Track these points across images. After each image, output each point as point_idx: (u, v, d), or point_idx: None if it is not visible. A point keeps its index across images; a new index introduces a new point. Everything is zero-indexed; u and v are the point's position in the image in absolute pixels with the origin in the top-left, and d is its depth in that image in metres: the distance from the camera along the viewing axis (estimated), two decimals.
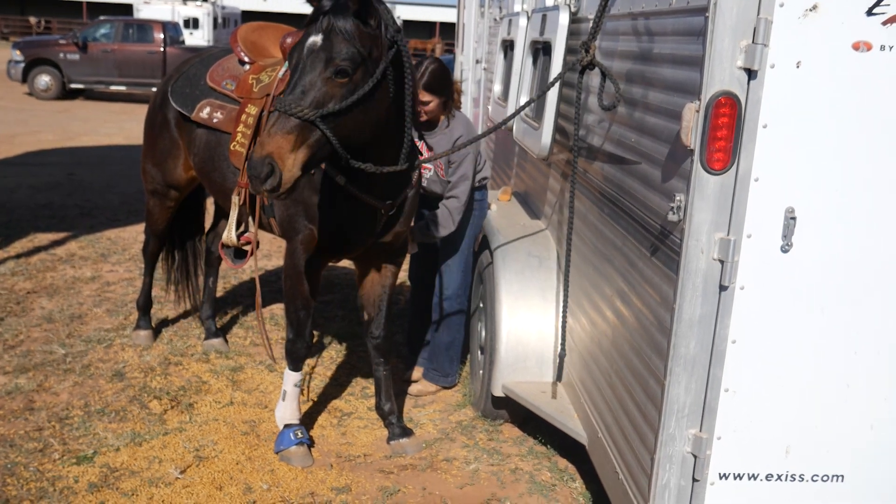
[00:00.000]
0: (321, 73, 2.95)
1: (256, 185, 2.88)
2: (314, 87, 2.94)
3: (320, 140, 2.95)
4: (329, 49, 2.95)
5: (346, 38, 2.96)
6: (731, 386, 2.58)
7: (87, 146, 12.84)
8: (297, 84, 2.94)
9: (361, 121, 3.07)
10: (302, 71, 2.96)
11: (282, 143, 2.86)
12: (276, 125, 2.89)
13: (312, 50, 2.97)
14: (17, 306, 5.55)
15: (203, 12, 27.69)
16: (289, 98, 2.91)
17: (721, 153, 2.40)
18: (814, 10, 2.31)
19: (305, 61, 2.97)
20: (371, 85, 3.01)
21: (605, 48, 3.36)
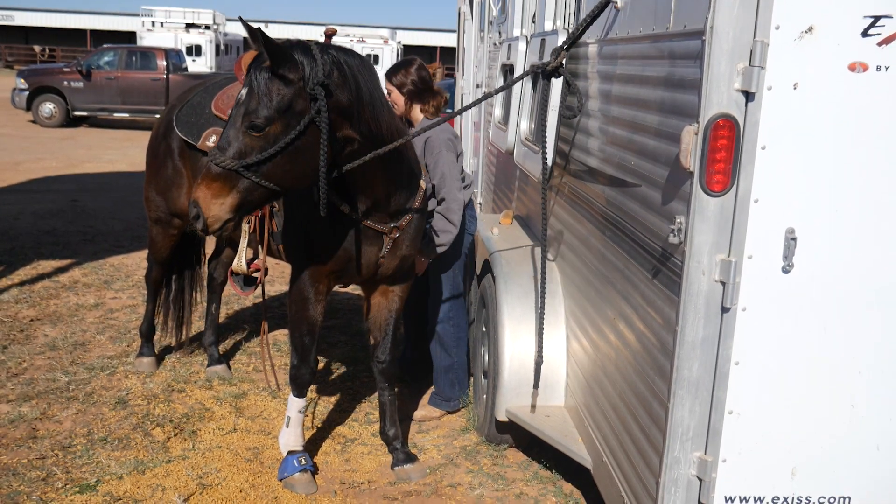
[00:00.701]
0: (240, 127, 3.05)
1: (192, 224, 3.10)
2: (236, 140, 3.05)
3: (250, 187, 3.06)
4: (247, 103, 3.05)
5: (261, 94, 3.03)
6: (736, 408, 2.57)
7: (90, 173, 12.90)
8: (224, 134, 3.08)
9: (292, 169, 3.11)
10: (229, 122, 3.10)
11: (207, 191, 3.04)
12: (205, 172, 3.06)
13: (237, 102, 3.08)
14: (21, 334, 5.56)
15: (205, 39, 27.93)
16: (215, 148, 3.06)
17: (720, 175, 2.41)
18: (809, 31, 2.33)
19: (232, 112, 3.10)
20: (291, 137, 3.04)
21: (603, 71, 3.38)
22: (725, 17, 2.32)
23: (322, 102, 3.05)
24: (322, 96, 3.05)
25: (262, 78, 3.04)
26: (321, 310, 3.80)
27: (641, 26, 2.93)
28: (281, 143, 3.04)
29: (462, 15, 8.46)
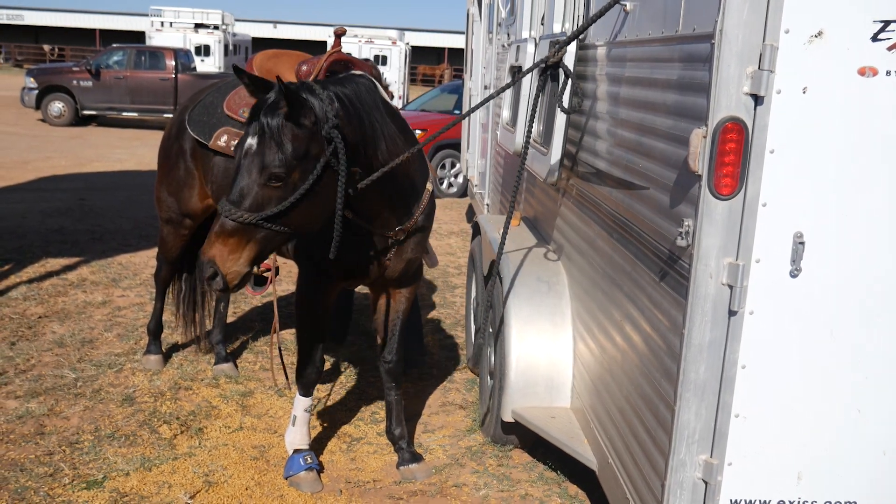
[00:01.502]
0: (256, 179, 2.95)
1: (206, 285, 2.99)
2: (251, 192, 2.94)
3: (268, 236, 2.98)
4: (262, 154, 2.94)
5: (278, 143, 2.94)
6: (742, 411, 2.57)
7: (98, 172, 12.95)
8: (235, 187, 2.96)
9: (310, 213, 3.08)
10: (240, 174, 2.98)
11: (222, 248, 2.93)
12: (218, 229, 2.95)
13: (248, 153, 2.97)
14: (29, 331, 5.58)
15: (214, 39, 27.97)
16: (227, 201, 2.95)
17: (729, 178, 2.41)
18: (819, 36, 2.33)
19: (242, 164, 2.98)
20: (311, 183, 3.00)
21: (611, 74, 3.39)
22: (735, 20, 2.32)
23: (339, 143, 3.04)
24: (338, 138, 3.04)
25: (276, 125, 2.94)
26: (328, 310, 3.81)
27: (650, 29, 2.94)
28: (301, 190, 2.97)
29: (471, 16, 8.49)
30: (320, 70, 3.99)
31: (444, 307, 6.82)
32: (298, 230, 3.10)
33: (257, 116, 2.98)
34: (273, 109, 2.97)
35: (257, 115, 2.99)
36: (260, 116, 2.97)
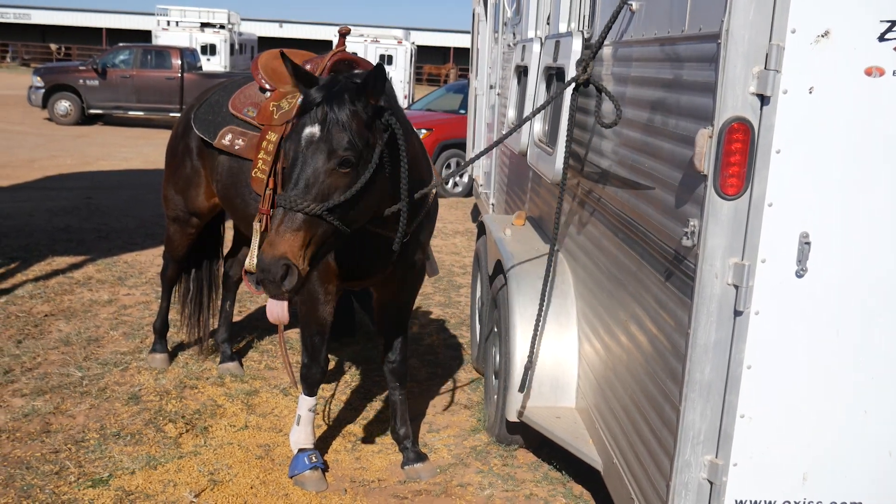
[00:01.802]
0: (324, 166, 2.90)
1: (273, 289, 2.83)
2: (318, 181, 2.90)
3: (327, 231, 2.94)
4: (329, 140, 2.91)
5: (345, 129, 2.92)
6: (747, 412, 2.57)
7: (104, 171, 12.98)
8: (300, 178, 2.90)
9: (364, 205, 3.08)
10: (303, 164, 2.92)
11: (293, 242, 2.83)
12: (283, 223, 2.84)
13: (310, 141, 2.92)
14: (35, 329, 5.60)
15: (220, 39, 28.02)
16: (292, 193, 2.87)
17: (735, 178, 2.41)
18: (826, 35, 2.32)
19: (305, 153, 2.92)
20: (371, 171, 3.00)
21: (617, 74, 3.38)
22: (741, 20, 2.31)
23: (398, 130, 3.05)
24: (397, 125, 3.06)
25: (345, 112, 2.93)
26: (331, 310, 3.81)
27: (656, 29, 2.94)
28: (364, 178, 2.95)
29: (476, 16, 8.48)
30: (324, 69, 4.00)
31: (449, 307, 6.82)
32: (350, 225, 3.05)
33: (318, 104, 2.95)
34: (339, 96, 2.96)
35: (318, 104, 2.95)
36: (325, 104, 2.94)
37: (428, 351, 5.72)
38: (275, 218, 2.90)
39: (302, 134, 2.95)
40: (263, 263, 2.81)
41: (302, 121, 2.98)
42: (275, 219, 2.90)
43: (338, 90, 2.98)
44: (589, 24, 3.94)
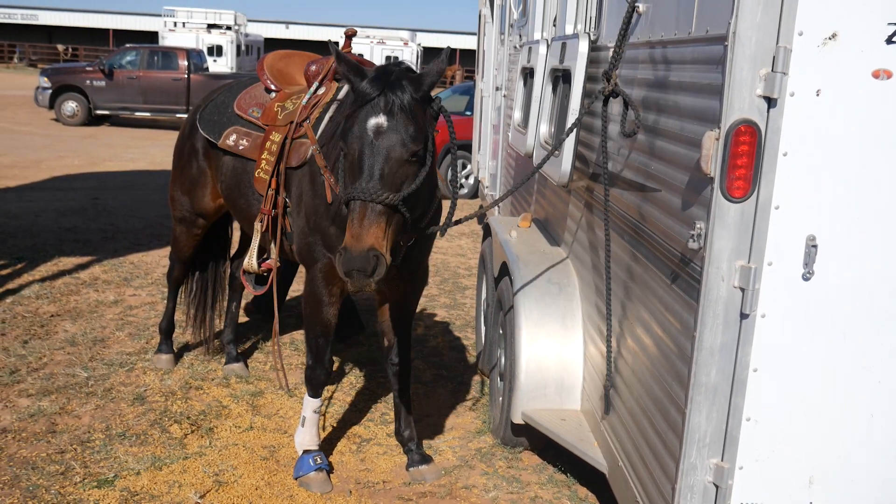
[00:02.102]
0: (397, 156, 2.91)
1: (361, 280, 2.83)
2: (392, 171, 2.91)
3: (400, 222, 2.96)
4: (399, 130, 2.92)
5: (413, 118, 2.94)
6: (753, 415, 2.56)
7: (111, 171, 13.02)
8: (374, 169, 2.89)
9: (421, 195, 3.12)
10: (376, 154, 2.90)
11: (377, 233, 2.85)
12: (367, 216, 2.84)
13: (381, 132, 2.91)
14: (41, 329, 5.61)
15: (227, 40, 28.10)
16: (369, 185, 2.86)
17: (741, 181, 2.40)
18: (833, 38, 2.32)
19: (376, 144, 2.91)
20: (430, 159, 3.05)
21: (624, 76, 3.38)
22: (748, 22, 2.31)
23: (448, 118, 3.10)
24: (446, 112, 3.11)
25: (411, 102, 2.95)
26: (335, 312, 3.81)
27: (663, 31, 2.93)
28: (428, 165, 2.98)
29: (482, 17, 8.48)
30: (329, 70, 4.01)
31: (455, 308, 6.82)
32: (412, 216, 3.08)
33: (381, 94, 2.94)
34: (400, 86, 2.97)
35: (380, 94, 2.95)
36: (389, 94, 2.94)
37: (433, 353, 5.72)
38: (352, 211, 2.88)
39: (368, 125, 2.93)
40: (353, 257, 2.81)
41: (365, 111, 2.96)
42: (353, 212, 2.88)
43: (396, 79, 2.99)
44: (595, 26, 3.94)
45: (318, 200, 3.67)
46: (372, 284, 2.85)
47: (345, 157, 3.03)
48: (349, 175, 2.97)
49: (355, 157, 2.95)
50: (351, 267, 2.82)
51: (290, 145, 3.84)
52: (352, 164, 2.97)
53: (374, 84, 2.98)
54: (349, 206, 2.93)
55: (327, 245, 3.67)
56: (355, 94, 3.02)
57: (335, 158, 3.13)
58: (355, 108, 2.99)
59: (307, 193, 3.74)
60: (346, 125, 3.00)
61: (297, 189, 3.81)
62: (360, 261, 2.81)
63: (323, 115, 3.82)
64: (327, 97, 3.90)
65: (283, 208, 3.91)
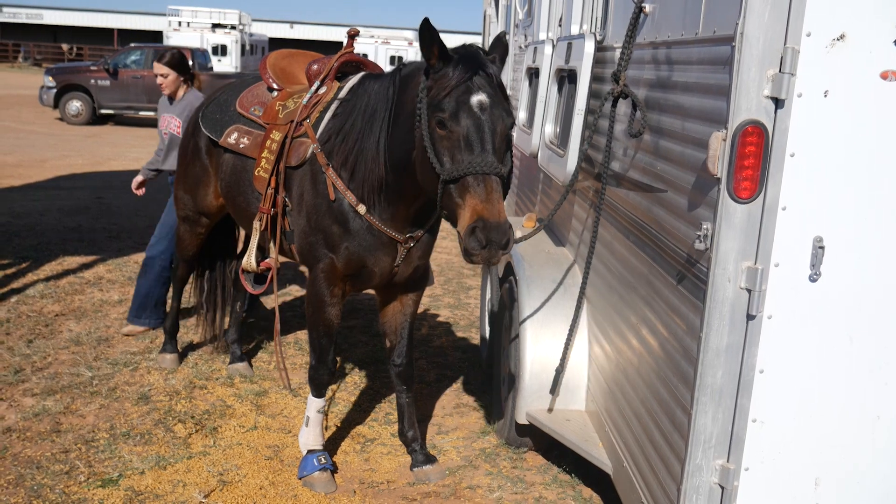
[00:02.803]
0: (502, 130, 2.99)
1: (494, 253, 2.82)
2: (499, 145, 2.97)
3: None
4: (501, 105, 2.99)
5: (506, 94, 3.05)
6: (759, 416, 2.56)
7: (115, 170, 13.02)
8: (487, 143, 2.92)
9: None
10: (485, 128, 2.93)
11: (503, 205, 2.89)
12: (494, 188, 2.86)
13: (484, 107, 2.95)
14: (46, 328, 5.62)
15: (231, 39, 28.12)
16: (488, 159, 2.88)
17: (748, 182, 2.39)
18: (841, 39, 2.31)
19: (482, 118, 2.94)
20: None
21: (630, 77, 3.37)
22: (756, 23, 2.30)
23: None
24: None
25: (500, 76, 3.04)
26: (338, 312, 3.81)
27: (670, 31, 2.92)
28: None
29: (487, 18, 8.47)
30: (331, 70, 4.00)
31: (459, 308, 6.82)
32: None
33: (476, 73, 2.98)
34: (488, 64, 3.03)
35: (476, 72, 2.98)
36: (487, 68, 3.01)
37: (437, 353, 5.72)
38: (473, 185, 2.87)
39: (477, 101, 2.96)
40: (493, 229, 2.80)
41: (468, 89, 2.97)
42: (474, 186, 2.87)
43: (482, 59, 3.04)
44: (601, 27, 3.93)
45: (319, 199, 3.67)
46: (499, 257, 2.84)
47: (445, 136, 2.99)
48: (455, 151, 2.96)
49: (466, 133, 2.94)
50: (493, 238, 2.80)
51: (289, 144, 3.83)
52: (460, 139, 2.95)
53: (468, 63, 3.02)
54: (463, 182, 2.90)
55: (329, 244, 3.66)
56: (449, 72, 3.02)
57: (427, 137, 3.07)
58: (454, 86, 2.99)
59: (308, 192, 3.74)
60: (444, 103, 2.98)
61: (297, 188, 3.81)
62: (500, 232, 2.80)
63: (324, 114, 3.81)
64: (328, 96, 3.89)
65: (282, 208, 3.90)
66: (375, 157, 3.46)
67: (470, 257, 2.85)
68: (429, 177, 3.08)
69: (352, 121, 3.59)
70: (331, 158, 3.63)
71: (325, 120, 3.78)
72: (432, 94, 3.04)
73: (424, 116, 3.06)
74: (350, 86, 3.82)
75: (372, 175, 3.49)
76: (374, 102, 3.51)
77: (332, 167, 3.61)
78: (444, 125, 2.97)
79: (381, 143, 3.44)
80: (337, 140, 3.63)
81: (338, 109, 3.75)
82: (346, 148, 3.58)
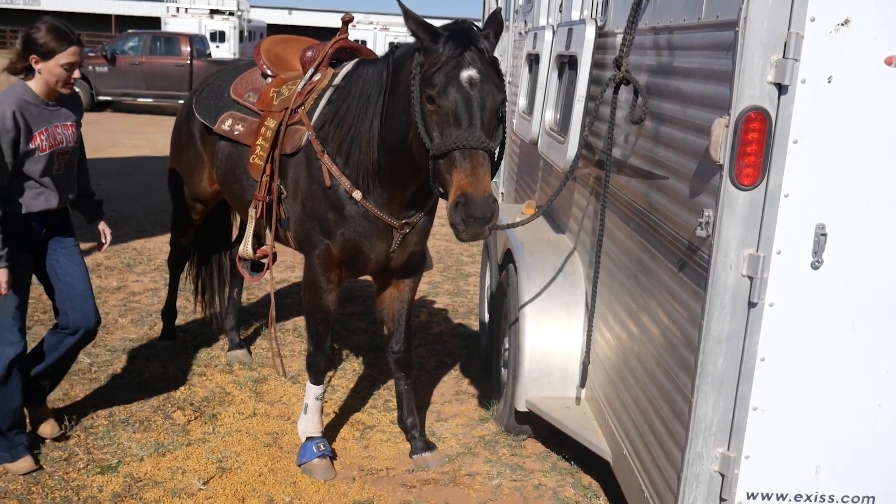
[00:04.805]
0: (492, 105, 2.96)
1: (478, 228, 2.82)
2: (489, 121, 2.95)
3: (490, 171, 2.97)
4: (492, 80, 2.97)
5: (498, 69, 3.02)
6: (760, 404, 2.55)
7: (113, 157, 12.98)
8: (475, 118, 2.91)
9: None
10: (475, 104, 2.91)
11: (489, 180, 2.87)
12: (480, 162, 2.85)
13: (474, 82, 2.93)
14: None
15: (229, 26, 27.97)
16: (475, 133, 2.87)
17: (750, 168, 2.38)
18: (845, 24, 2.29)
19: (474, 94, 2.92)
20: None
21: (632, 62, 3.34)
22: (760, 8, 2.28)
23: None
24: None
25: (492, 50, 3.02)
26: (334, 298, 3.80)
27: (672, 16, 2.90)
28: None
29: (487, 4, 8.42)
30: (325, 56, 3.97)
31: (458, 295, 6.81)
32: None
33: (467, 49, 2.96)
34: (479, 39, 3.00)
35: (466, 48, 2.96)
36: (479, 43, 2.98)
37: (436, 340, 5.71)
38: (460, 160, 2.87)
39: (465, 76, 2.94)
40: (476, 203, 2.80)
41: (458, 63, 2.95)
42: (461, 160, 2.86)
43: (474, 35, 3.01)
44: (602, 12, 3.90)
45: (315, 186, 3.65)
46: (487, 232, 2.85)
47: (434, 111, 2.98)
48: (444, 127, 2.95)
49: (454, 108, 2.93)
50: (474, 213, 2.80)
51: (284, 132, 3.81)
52: (449, 114, 2.94)
53: (459, 38, 2.99)
54: (450, 157, 2.90)
55: (325, 231, 3.65)
56: (439, 49, 3.00)
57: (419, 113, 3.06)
58: (444, 62, 2.97)
59: (304, 179, 3.72)
60: (434, 79, 2.96)
61: (293, 175, 3.79)
62: (483, 206, 2.81)
63: (318, 101, 3.79)
64: (323, 83, 3.86)
65: (277, 195, 3.88)
66: (369, 141, 3.45)
67: (457, 233, 2.86)
68: (421, 153, 3.09)
69: (346, 106, 3.57)
70: (326, 145, 3.61)
71: (319, 107, 3.76)
72: (423, 69, 3.04)
73: (416, 93, 3.05)
74: (345, 72, 3.80)
75: (366, 159, 3.48)
76: (368, 87, 3.49)
77: (328, 154, 3.59)
78: (433, 100, 2.97)
79: (374, 128, 3.42)
80: (331, 126, 3.61)
81: (332, 96, 3.73)
82: (340, 134, 3.56)
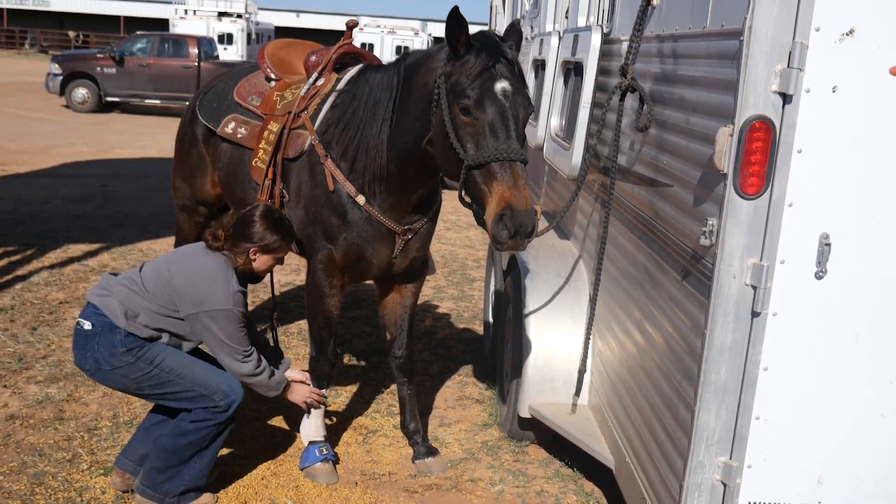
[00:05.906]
0: (524, 117, 3.01)
1: (520, 241, 2.84)
2: (522, 132, 2.99)
3: None
4: (523, 92, 3.02)
5: (524, 80, 3.07)
6: (763, 414, 2.54)
7: (121, 158, 13.03)
8: (513, 129, 2.94)
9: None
10: (510, 115, 2.95)
11: (528, 192, 2.91)
12: (521, 174, 2.89)
13: (507, 94, 2.96)
14: (50, 316, 5.63)
15: (237, 28, 28.05)
16: (514, 145, 2.91)
17: (755, 178, 2.38)
18: (850, 34, 2.29)
19: (506, 105, 2.95)
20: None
21: (637, 70, 3.35)
22: (764, 17, 2.28)
23: None
24: None
25: (518, 64, 3.05)
26: (337, 303, 3.81)
27: (677, 25, 2.90)
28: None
29: (494, 8, 8.44)
30: (329, 61, 3.98)
31: (463, 300, 6.81)
32: None
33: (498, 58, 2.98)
34: (507, 52, 3.03)
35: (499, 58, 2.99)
36: (508, 54, 3.02)
37: (440, 344, 5.71)
38: (500, 172, 2.88)
39: (500, 87, 2.97)
40: (522, 216, 2.82)
41: (492, 76, 2.97)
42: (501, 172, 2.88)
43: (503, 47, 3.04)
44: (608, 19, 3.91)
45: (318, 190, 3.66)
46: (526, 244, 2.87)
47: (470, 122, 2.99)
48: (479, 138, 2.96)
49: (491, 120, 2.95)
50: (519, 226, 2.81)
51: (287, 136, 3.82)
52: (485, 126, 2.96)
53: (490, 50, 3.01)
54: (488, 169, 2.91)
55: (327, 235, 3.65)
56: (471, 60, 3.00)
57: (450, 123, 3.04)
58: (478, 73, 2.98)
59: (306, 184, 3.73)
60: (468, 90, 2.97)
61: (295, 180, 3.79)
62: (528, 218, 2.82)
63: (322, 105, 3.80)
64: (326, 88, 3.87)
65: (280, 199, 3.89)
66: (378, 146, 3.45)
67: (498, 245, 2.88)
68: (451, 162, 3.08)
69: (352, 111, 3.58)
70: (329, 149, 3.62)
71: (323, 111, 3.77)
72: (453, 80, 3.03)
73: (445, 103, 3.05)
74: (349, 77, 3.81)
75: (373, 164, 3.48)
76: (376, 92, 3.50)
77: (331, 158, 3.60)
78: (469, 112, 2.98)
79: (383, 133, 3.43)
80: (336, 131, 3.62)
81: (336, 100, 3.74)
82: (346, 138, 3.57)
